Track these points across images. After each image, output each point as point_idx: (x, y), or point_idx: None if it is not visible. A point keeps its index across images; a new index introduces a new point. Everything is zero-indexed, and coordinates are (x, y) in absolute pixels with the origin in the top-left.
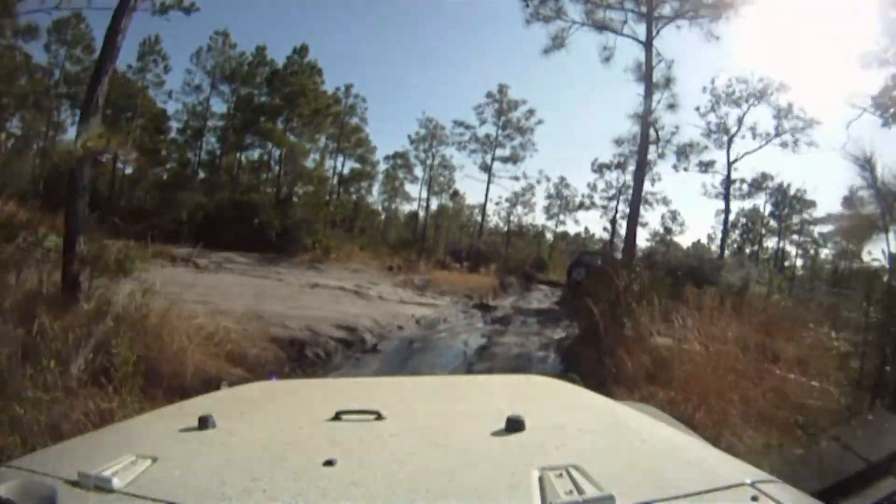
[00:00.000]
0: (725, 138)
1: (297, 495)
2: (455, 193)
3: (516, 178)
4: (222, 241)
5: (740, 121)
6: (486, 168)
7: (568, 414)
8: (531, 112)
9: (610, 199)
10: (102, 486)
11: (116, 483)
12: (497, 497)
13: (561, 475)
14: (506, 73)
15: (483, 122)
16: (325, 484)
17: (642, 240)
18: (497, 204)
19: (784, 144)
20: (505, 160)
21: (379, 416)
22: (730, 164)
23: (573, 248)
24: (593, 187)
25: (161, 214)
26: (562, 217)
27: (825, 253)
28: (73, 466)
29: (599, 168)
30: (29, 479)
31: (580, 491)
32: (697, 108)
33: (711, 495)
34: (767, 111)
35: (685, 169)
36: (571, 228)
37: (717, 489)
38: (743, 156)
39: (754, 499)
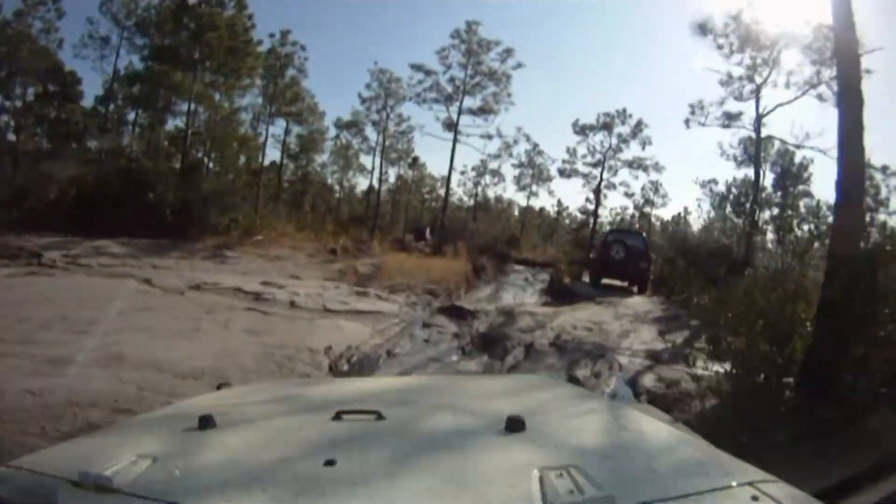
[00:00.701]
0: (752, 87)
1: (297, 495)
2: (415, 161)
3: (488, 137)
4: (104, 224)
5: (771, 65)
6: (452, 126)
7: (568, 414)
8: (508, 53)
9: (594, 165)
10: (103, 486)
11: (117, 483)
12: (497, 497)
13: (561, 475)
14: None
15: (448, 68)
16: (326, 484)
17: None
18: (462, 173)
19: (821, 97)
20: (474, 113)
21: (379, 416)
22: (759, 118)
23: (540, 222)
24: (573, 153)
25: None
26: (534, 188)
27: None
28: (74, 466)
29: (582, 129)
30: (29, 479)
31: (580, 491)
32: (721, 47)
33: (711, 495)
34: (805, 55)
35: (701, 123)
36: (543, 201)
37: (717, 489)
38: (774, 108)
39: (754, 498)
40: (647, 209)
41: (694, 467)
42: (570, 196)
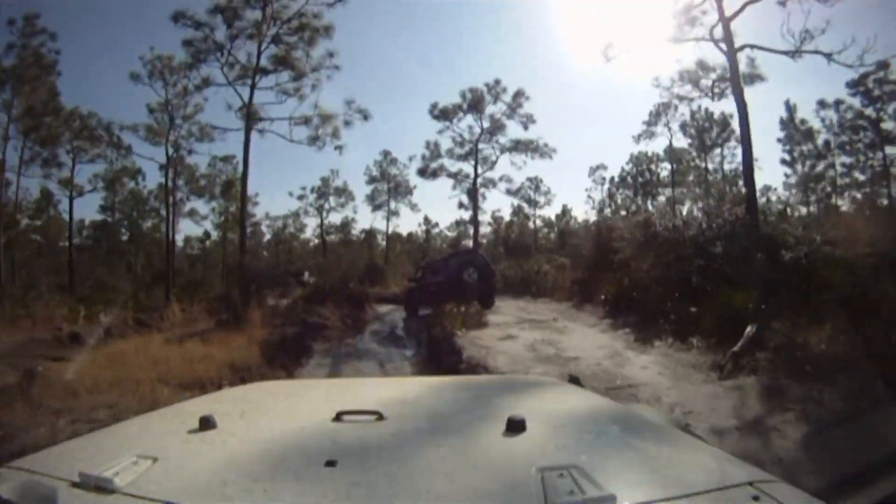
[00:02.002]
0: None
1: (298, 495)
2: (228, 187)
3: (304, 122)
4: None
5: None
6: (244, 105)
7: (568, 414)
8: None
9: (464, 157)
10: (103, 487)
11: (117, 483)
12: (498, 497)
13: (562, 475)
14: None
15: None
16: (327, 484)
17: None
18: (301, 198)
19: None
20: (274, 72)
21: (380, 417)
22: (727, 21)
23: (409, 247)
24: (434, 147)
25: None
26: (393, 205)
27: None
28: (74, 467)
29: (443, 114)
30: (29, 480)
31: (581, 491)
32: None
33: (712, 495)
34: None
35: None
36: (409, 222)
37: (717, 489)
38: (743, 7)
39: (755, 498)
40: (525, 210)
41: (694, 467)
42: (441, 209)
